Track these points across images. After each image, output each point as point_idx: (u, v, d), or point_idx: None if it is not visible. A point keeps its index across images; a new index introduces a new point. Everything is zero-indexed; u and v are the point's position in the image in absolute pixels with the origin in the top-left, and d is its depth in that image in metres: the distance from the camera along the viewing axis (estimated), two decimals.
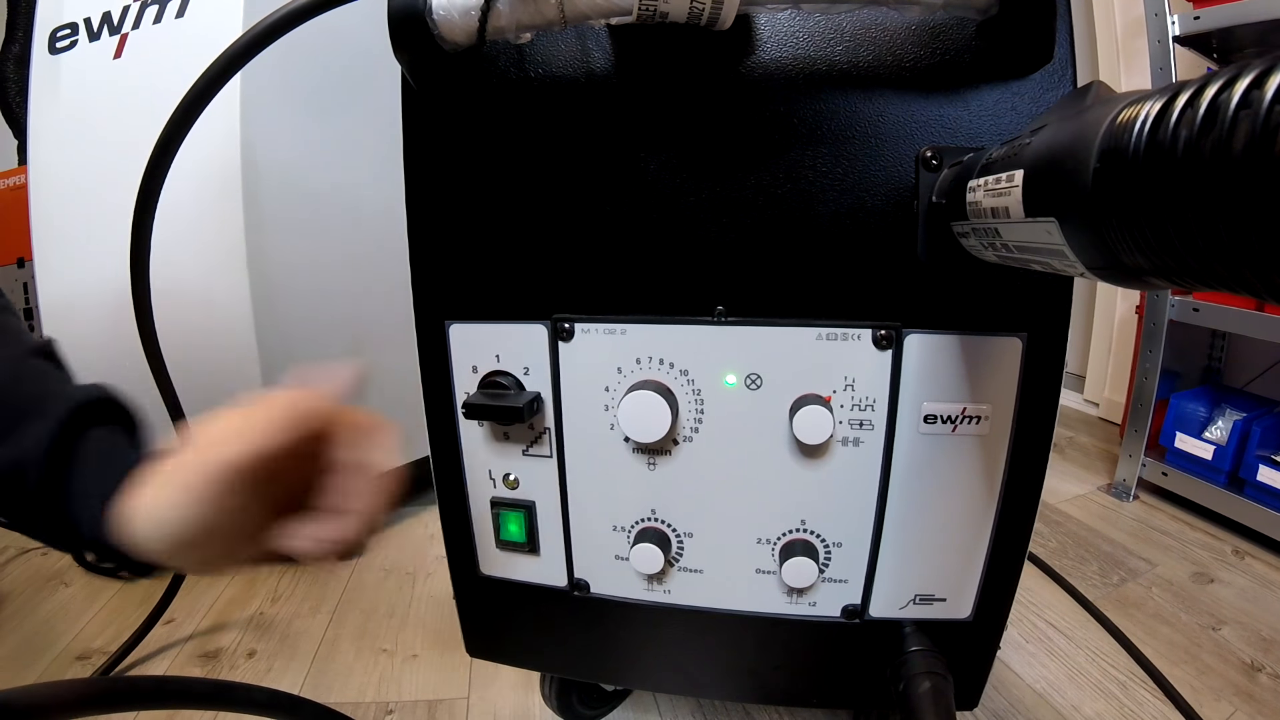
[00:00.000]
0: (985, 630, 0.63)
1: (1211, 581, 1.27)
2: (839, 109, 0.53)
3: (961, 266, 0.51)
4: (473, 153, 0.58)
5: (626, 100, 0.55)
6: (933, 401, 0.56)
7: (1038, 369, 0.55)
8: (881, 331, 0.55)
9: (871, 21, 0.53)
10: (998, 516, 0.59)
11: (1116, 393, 2.02)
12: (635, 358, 0.58)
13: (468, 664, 1.06)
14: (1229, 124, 0.20)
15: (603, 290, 0.58)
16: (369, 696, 1.01)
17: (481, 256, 0.59)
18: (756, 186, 0.55)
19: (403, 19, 0.48)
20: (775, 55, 0.53)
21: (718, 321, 0.57)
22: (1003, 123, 0.52)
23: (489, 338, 0.61)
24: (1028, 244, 0.35)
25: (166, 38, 1.17)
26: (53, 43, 1.23)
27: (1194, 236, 0.22)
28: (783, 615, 0.64)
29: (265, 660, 1.09)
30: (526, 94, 0.56)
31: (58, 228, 1.25)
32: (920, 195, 0.52)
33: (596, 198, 0.57)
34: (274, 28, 0.58)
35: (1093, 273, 0.30)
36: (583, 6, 0.46)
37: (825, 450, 0.58)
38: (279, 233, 1.22)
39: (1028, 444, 0.57)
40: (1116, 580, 1.28)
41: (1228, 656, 1.06)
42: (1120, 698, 0.98)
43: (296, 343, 1.26)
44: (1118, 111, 0.26)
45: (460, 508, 0.68)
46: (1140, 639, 1.09)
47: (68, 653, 1.12)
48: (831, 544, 0.61)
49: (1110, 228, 0.26)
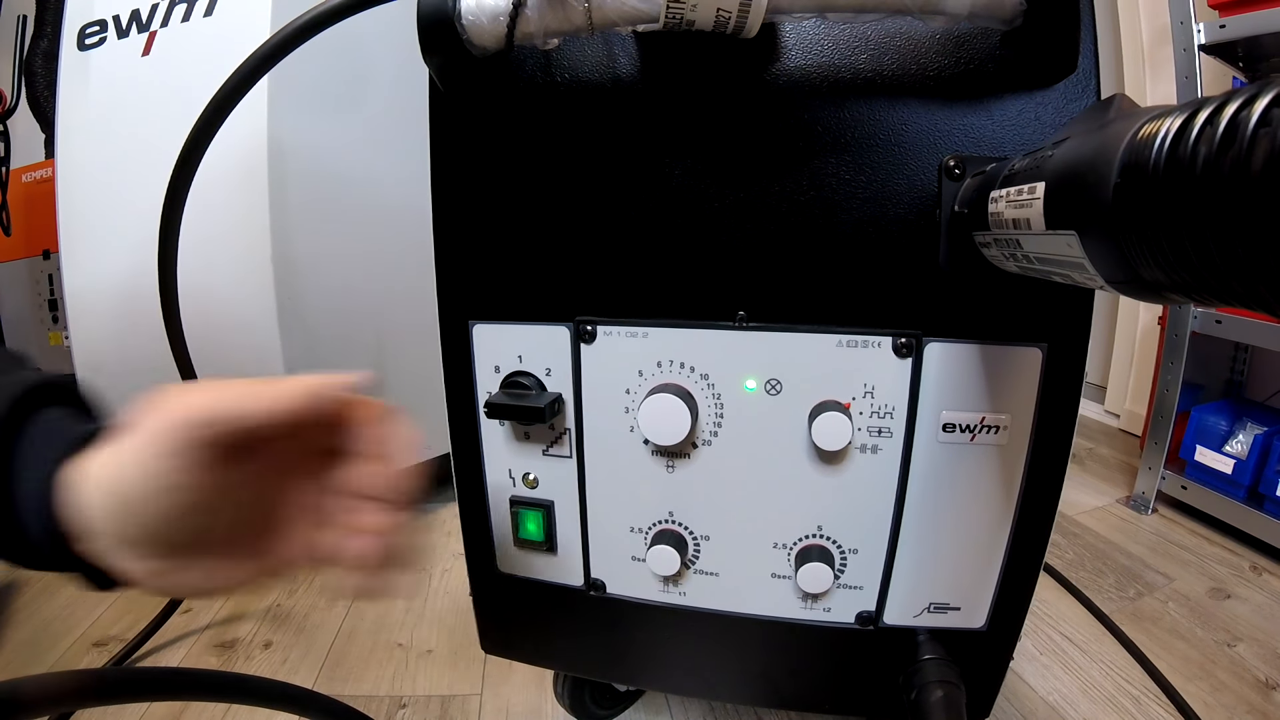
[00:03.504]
0: (999, 641, 0.63)
1: (1228, 597, 1.26)
2: (863, 117, 0.54)
3: (983, 276, 0.51)
4: (499, 155, 0.59)
5: (652, 106, 0.56)
6: (951, 410, 0.56)
7: (1057, 380, 0.55)
8: (902, 339, 0.55)
9: (896, 31, 0.53)
10: (1014, 527, 0.59)
11: (1138, 404, 2.00)
12: (656, 361, 0.59)
13: (482, 660, 1.06)
14: (1248, 142, 0.20)
15: (625, 293, 0.59)
16: (383, 690, 1.01)
17: (506, 258, 0.60)
18: (780, 193, 0.55)
19: (432, 24, 0.48)
20: (800, 63, 0.54)
21: (739, 326, 0.57)
22: (1026, 133, 0.53)
23: (512, 338, 0.61)
24: (1048, 256, 0.36)
25: (195, 36, 1.19)
26: (81, 39, 1.25)
27: (1212, 254, 0.22)
28: (797, 620, 0.64)
29: (281, 651, 1.11)
30: (553, 98, 0.57)
31: (84, 221, 1.27)
32: (943, 204, 0.52)
33: (621, 202, 0.57)
34: (303, 30, 0.59)
35: (1112, 286, 0.31)
36: (610, 13, 0.47)
37: (843, 457, 0.58)
38: (304, 229, 1.23)
39: (1046, 455, 0.57)
40: (1133, 594, 1.27)
41: (1242, 674, 1.05)
42: (1133, 712, 0.97)
43: (320, 339, 1.28)
44: (1139, 127, 0.26)
45: (479, 505, 0.69)
46: (1155, 654, 1.08)
47: (84, 639, 1.13)
48: (847, 550, 0.61)
49: (1130, 242, 0.26)
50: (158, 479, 0.34)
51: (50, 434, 0.38)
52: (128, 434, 0.35)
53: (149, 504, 0.34)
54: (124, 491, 0.34)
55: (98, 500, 0.34)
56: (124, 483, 0.34)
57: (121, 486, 0.34)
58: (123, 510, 0.34)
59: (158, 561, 0.36)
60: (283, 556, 0.41)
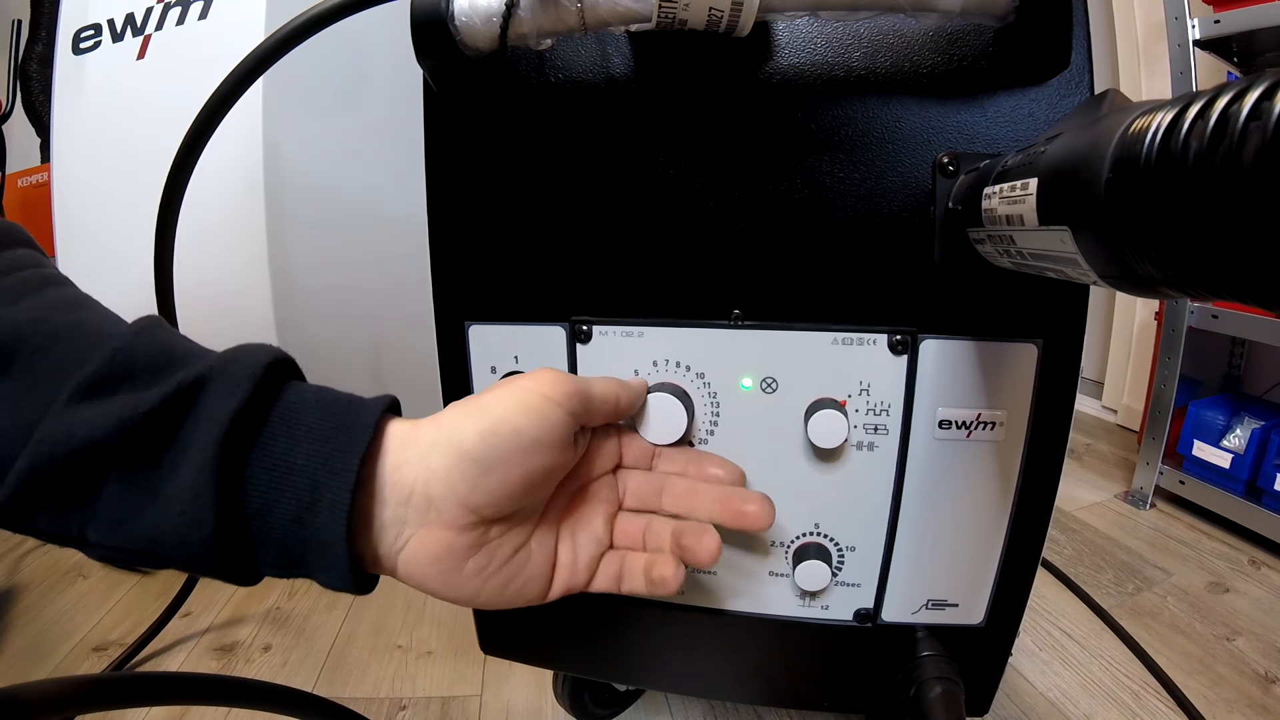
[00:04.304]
0: (997, 636, 0.63)
1: (1227, 591, 1.26)
2: (856, 115, 0.54)
3: (977, 273, 0.51)
4: (493, 156, 0.59)
5: (646, 105, 0.56)
6: (947, 407, 0.56)
7: (1053, 376, 0.55)
8: (897, 337, 0.55)
9: (889, 28, 0.53)
10: (1011, 523, 0.59)
11: (1135, 399, 2.00)
12: (652, 360, 0.59)
13: (481, 661, 1.07)
14: (1239, 136, 0.20)
15: (621, 293, 0.59)
16: (383, 692, 1.02)
17: (501, 259, 0.60)
18: (774, 192, 0.55)
19: (425, 25, 0.48)
20: (793, 62, 0.54)
21: (734, 325, 0.57)
22: (1020, 129, 0.53)
23: (508, 339, 0.61)
24: (1042, 251, 0.36)
25: (189, 39, 1.19)
26: (76, 43, 1.25)
27: (1204, 248, 0.22)
28: (795, 618, 0.64)
29: (281, 654, 1.11)
30: (547, 99, 0.57)
31: (80, 225, 1.26)
32: (937, 201, 0.52)
33: (615, 202, 0.57)
34: (298, 32, 0.58)
35: (1106, 281, 0.31)
36: (603, 14, 0.47)
37: (840, 454, 0.58)
38: (301, 232, 1.23)
39: (1042, 450, 0.57)
40: (1132, 589, 1.28)
41: (1242, 668, 1.05)
42: (1133, 707, 0.97)
43: (317, 341, 1.28)
44: (1131, 121, 0.26)
45: None
46: (1154, 648, 1.09)
47: (85, 644, 1.13)
48: (845, 548, 0.61)
49: (1122, 237, 0.26)
50: (525, 438, 0.38)
51: (330, 404, 0.37)
52: (490, 396, 0.39)
53: (511, 466, 0.38)
54: (486, 450, 0.37)
55: (445, 462, 0.36)
56: (489, 439, 0.37)
57: (483, 445, 0.37)
58: (477, 470, 0.37)
59: (478, 531, 0.38)
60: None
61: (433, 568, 0.37)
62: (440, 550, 0.37)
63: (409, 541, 0.37)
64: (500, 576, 0.40)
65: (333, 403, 0.37)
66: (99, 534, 0.32)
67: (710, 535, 0.46)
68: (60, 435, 0.30)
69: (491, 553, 0.40)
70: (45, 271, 0.39)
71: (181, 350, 0.36)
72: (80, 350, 0.33)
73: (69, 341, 0.34)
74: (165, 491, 0.32)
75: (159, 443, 0.32)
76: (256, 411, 0.34)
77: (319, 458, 0.34)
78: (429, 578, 0.38)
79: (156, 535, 0.32)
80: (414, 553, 0.37)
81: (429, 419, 0.39)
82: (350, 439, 0.35)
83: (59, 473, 0.31)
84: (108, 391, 0.32)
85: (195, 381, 0.33)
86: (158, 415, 0.32)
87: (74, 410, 0.31)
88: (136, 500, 0.32)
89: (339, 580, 0.35)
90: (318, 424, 0.35)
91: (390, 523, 0.37)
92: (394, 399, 0.40)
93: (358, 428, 0.36)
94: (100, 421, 0.31)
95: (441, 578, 0.38)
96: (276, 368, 0.36)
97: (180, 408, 0.33)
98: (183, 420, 0.33)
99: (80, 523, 0.32)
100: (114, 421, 0.31)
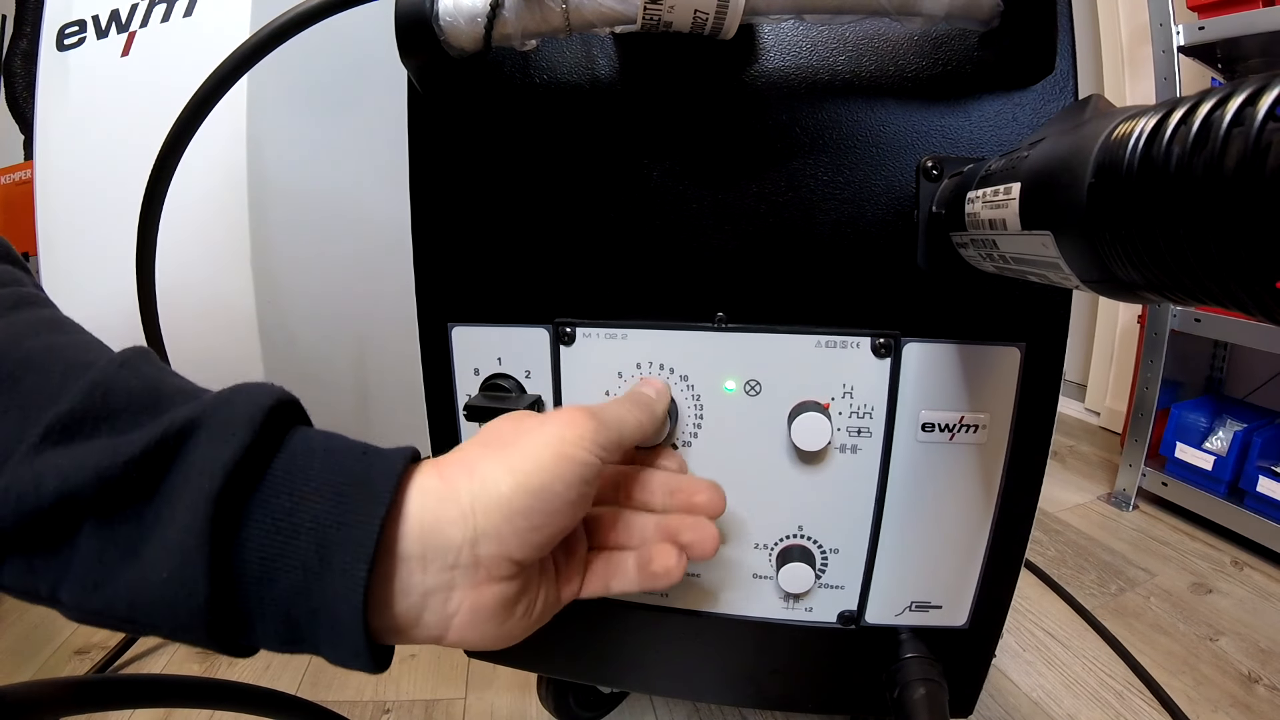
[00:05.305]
0: (981, 638, 0.63)
1: (1210, 592, 1.27)
2: (841, 118, 0.54)
3: (961, 276, 0.52)
4: (477, 157, 0.58)
5: (630, 108, 0.56)
6: (931, 410, 0.56)
7: (1036, 378, 0.55)
8: (880, 340, 0.55)
9: (874, 32, 0.53)
10: (994, 525, 0.59)
11: (1118, 402, 2.02)
12: (636, 362, 0.59)
13: (465, 664, 1.06)
14: (1221, 142, 0.20)
15: (605, 295, 0.58)
16: (366, 695, 1.01)
17: (485, 260, 0.60)
18: (758, 194, 0.55)
19: (409, 25, 0.48)
20: (778, 65, 0.54)
21: (718, 328, 0.57)
22: (1004, 133, 0.53)
23: (491, 340, 0.61)
24: (1024, 256, 0.36)
25: (174, 36, 1.18)
26: (60, 40, 1.24)
27: (1186, 253, 0.22)
28: (779, 620, 0.64)
29: (264, 657, 1.10)
30: (531, 100, 0.57)
31: (63, 224, 1.25)
32: (920, 205, 0.52)
33: (599, 203, 0.57)
34: (282, 30, 0.58)
35: (1088, 286, 0.31)
36: (588, 15, 0.46)
37: (823, 457, 0.58)
38: (284, 232, 1.22)
39: (1025, 453, 0.57)
40: (1115, 589, 1.28)
41: (1225, 667, 1.06)
42: (1117, 707, 0.98)
43: (300, 342, 1.27)
44: (1113, 127, 0.26)
45: None
46: (1138, 649, 1.09)
47: (67, 647, 1.12)
48: (829, 550, 0.61)
49: (1104, 242, 0.27)
50: (573, 493, 0.36)
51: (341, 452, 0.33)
52: (527, 446, 0.36)
53: (558, 519, 0.36)
54: (533, 505, 0.35)
55: (493, 521, 0.34)
56: (540, 498, 0.35)
57: (531, 502, 0.35)
58: (526, 526, 0.35)
59: (521, 579, 0.37)
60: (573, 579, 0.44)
61: (490, 624, 0.35)
62: (497, 606, 0.35)
63: (463, 605, 0.34)
64: (537, 609, 0.39)
65: (345, 452, 0.33)
66: (73, 595, 0.29)
67: (707, 527, 0.45)
68: (28, 484, 0.27)
69: (534, 592, 0.39)
70: (23, 290, 0.36)
71: (169, 388, 0.32)
72: (53, 381, 0.30)
73: (41, 371, 0.30)
74: (147, 553, 0.28)
75: (141, 495, 0.29)
76: (255, 463, 0.30)
77: (329, 518, 0.30)
78: (487, 635, 0.36)
79: (137, 601, 0.28)
80: (471, 615, 0.34)
81: (456, 465, 0.36)
82: (367, 495, 0.31)
83: (26, 527, 0.27)
84: (84, 434, 0.29)
85: (184, 426, 0.29)
86: (139, 465, 0.28)
87: (44, 455, 0.28)
88: (116, 560, 0.28)
89: (351, 657, 0.31)
90: (328, 477, 0.31)
91: (436, 589, 0.33)
92: (415, 450, 0.36)
93: (376, 482, 0.32)
94: (74, 471, 0.27)
95: (498, 630, 0.36)
96: (279, 411, 0.32)
97: (165, 456, 0.29)
98: (166, 471, 0.29)
99: (51, 581, 0.29)
100: (90, 472, 0.27)
